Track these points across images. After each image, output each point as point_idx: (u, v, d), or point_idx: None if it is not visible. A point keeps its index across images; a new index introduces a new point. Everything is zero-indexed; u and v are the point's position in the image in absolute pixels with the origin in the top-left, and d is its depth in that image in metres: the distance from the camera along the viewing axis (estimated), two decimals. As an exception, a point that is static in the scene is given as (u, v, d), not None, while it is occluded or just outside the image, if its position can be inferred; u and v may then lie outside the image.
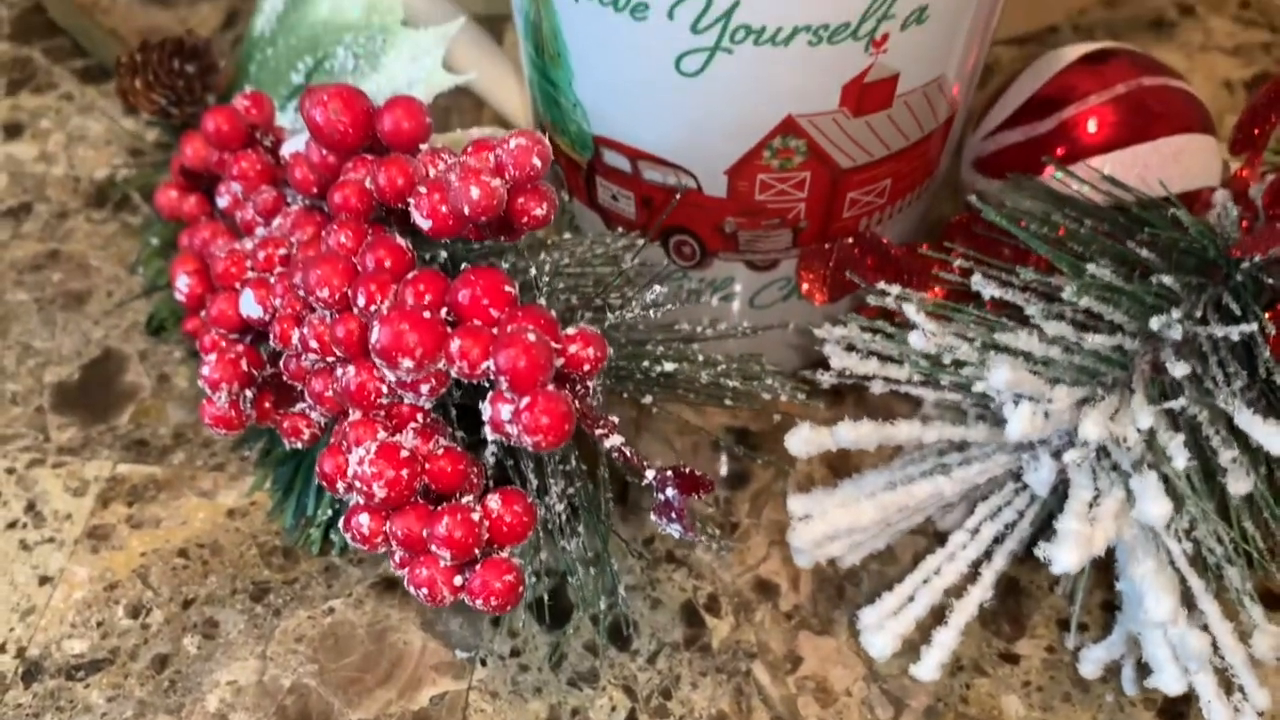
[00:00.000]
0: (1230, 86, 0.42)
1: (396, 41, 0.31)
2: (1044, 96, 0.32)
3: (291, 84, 0.33)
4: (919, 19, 0.24)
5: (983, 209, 0.27)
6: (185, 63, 0.34)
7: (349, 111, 0.26)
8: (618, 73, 0.26)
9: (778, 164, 0.27)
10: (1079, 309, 0.24)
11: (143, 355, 0.35)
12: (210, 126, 0.29)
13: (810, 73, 0.24)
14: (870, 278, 0.29)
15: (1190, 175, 0.31)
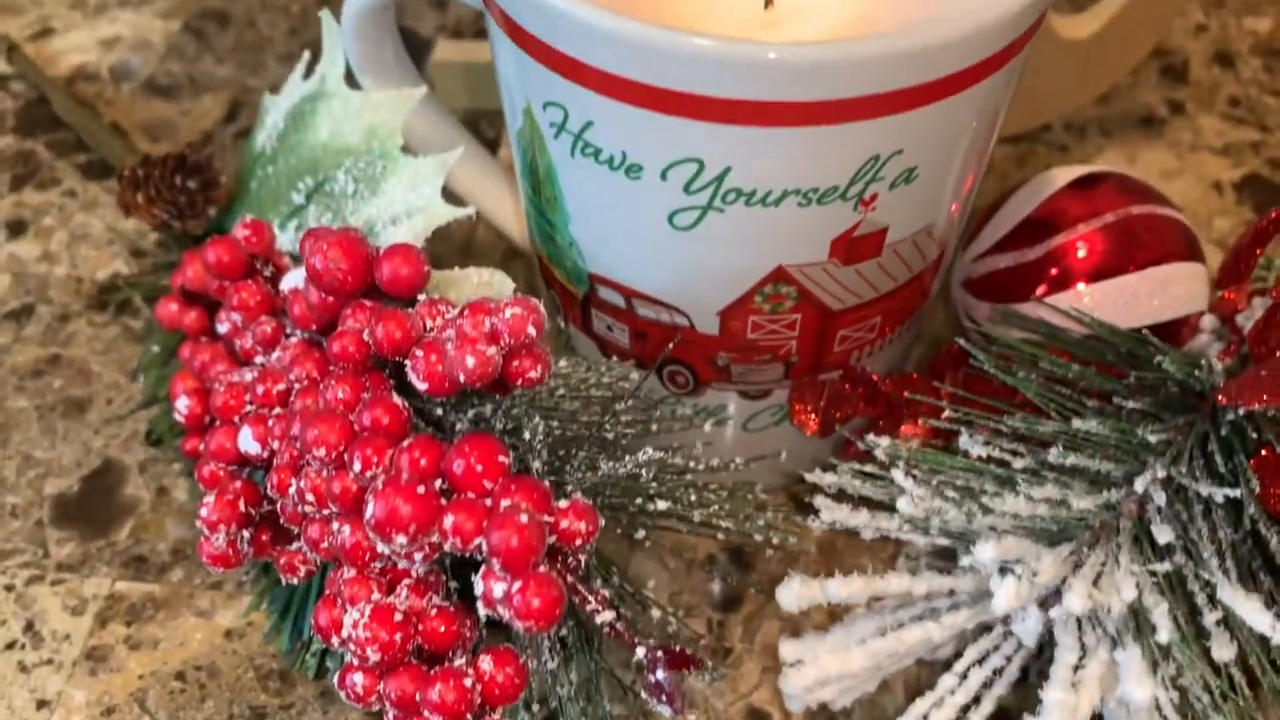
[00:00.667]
0: (1219, 188, 0.43)
1: (396, 168, 0.31)
2: (1034, 221, 0.33)
3: (292, 203, 0.33)
4: (907, 179, 0.24)
5: (972, 351, 0.27)
6: (187, 178, 0.35)
7: (348, 259, 0.26)
8: (613, 221, 0.26)
9: (769, 307, 0.27)
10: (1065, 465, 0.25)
11: (142, 467, 0.35)
12: (211, 257, 0.30)
13: (800, 229, 0.25)
14: (861, 412, 0.29)
15: (1178, 303, 0.31)
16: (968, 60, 0.22)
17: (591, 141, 0.25)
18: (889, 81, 0.22)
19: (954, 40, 0.22)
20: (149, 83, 0.47)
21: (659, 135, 0.23)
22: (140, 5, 0.51)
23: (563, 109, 0.24)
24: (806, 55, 0.21)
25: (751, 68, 0.21)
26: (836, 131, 0.23)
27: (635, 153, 0.24)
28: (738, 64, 0.21)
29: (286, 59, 0.48)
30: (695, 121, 0.23)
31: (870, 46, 0.21)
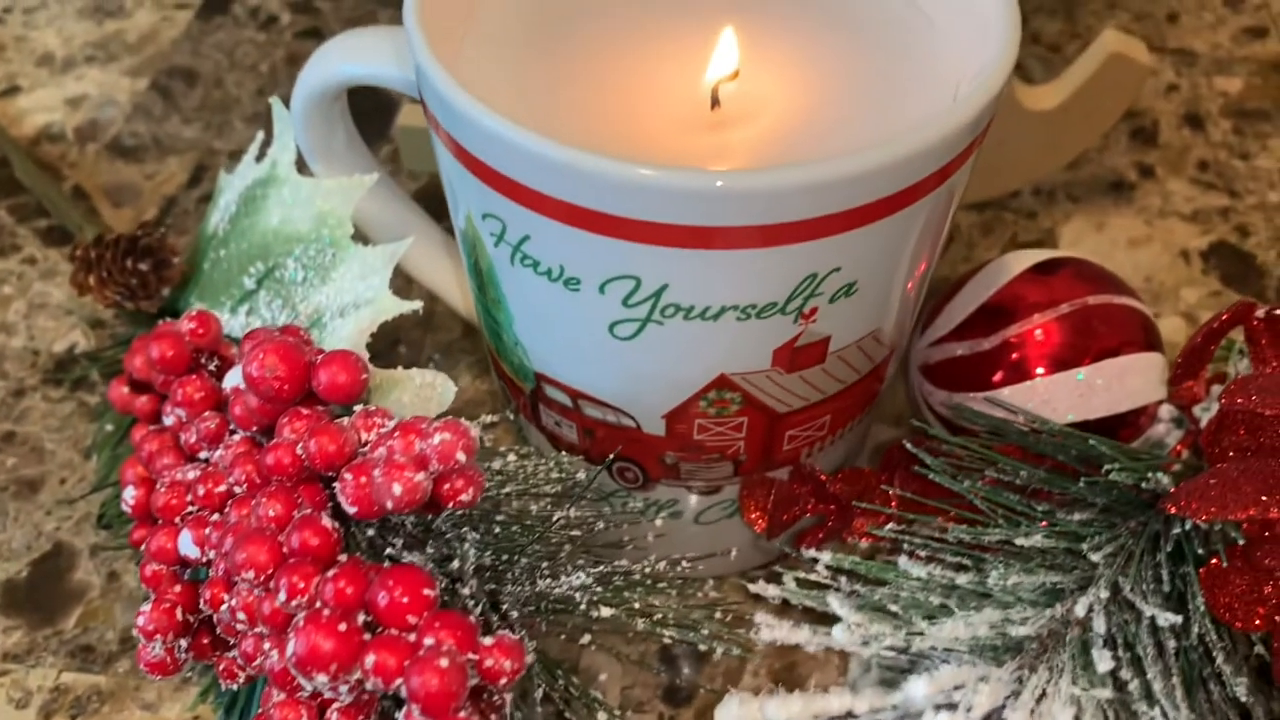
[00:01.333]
0: (1187, 256, 0.42)
1: (346, 257, 0.31)
2: (990, 308, 0.32)
3: (244, 288, 0.33)
4: (847, 293, 0.24)
5: (919, 455, 0.27)
6: (138, 261, 0.34)
7: (285, 365, 0.26)
8: (555, 327, 0.26)
9: (714, 411, 0.27)
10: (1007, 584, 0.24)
11: (93, 550, 0.34)
12: (154, 352, 0.30)
13: (741, 340, 0.25)
14: (811, 510, 0.29)
15: (1134, 394, 0.31)
16: (907, 181, 0.22)
17: (530, 253, 0.24)
18: (825, 206, 0.22)
19: (893, 164, 0.22)
20: (114, 143, 0.47)
21: (595, 253, 0.23)
22: (107, 62, 0.50)
23: (501, 221, 0.24)
24: (747, 183, 0.21)
25: (686, 196, 0.21)
26: (772, 253, 0.22)
27: (573, 268, 0.24)
28: (672, 192, 0.21)
29: (253, 120, 0.48)
30: (630, 243, 0.22)
31: (809, 172, 0.21)
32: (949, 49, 0.27)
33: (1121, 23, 0.52)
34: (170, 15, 0.53)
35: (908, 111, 0.26)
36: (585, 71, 0.27)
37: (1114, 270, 0.42)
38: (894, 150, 0.21)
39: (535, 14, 0.28)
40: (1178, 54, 0.50)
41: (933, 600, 0.24)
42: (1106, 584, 0.24)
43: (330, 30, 0.52)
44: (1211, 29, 0.52)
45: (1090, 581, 0.25)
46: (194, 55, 0.51)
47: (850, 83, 0.27)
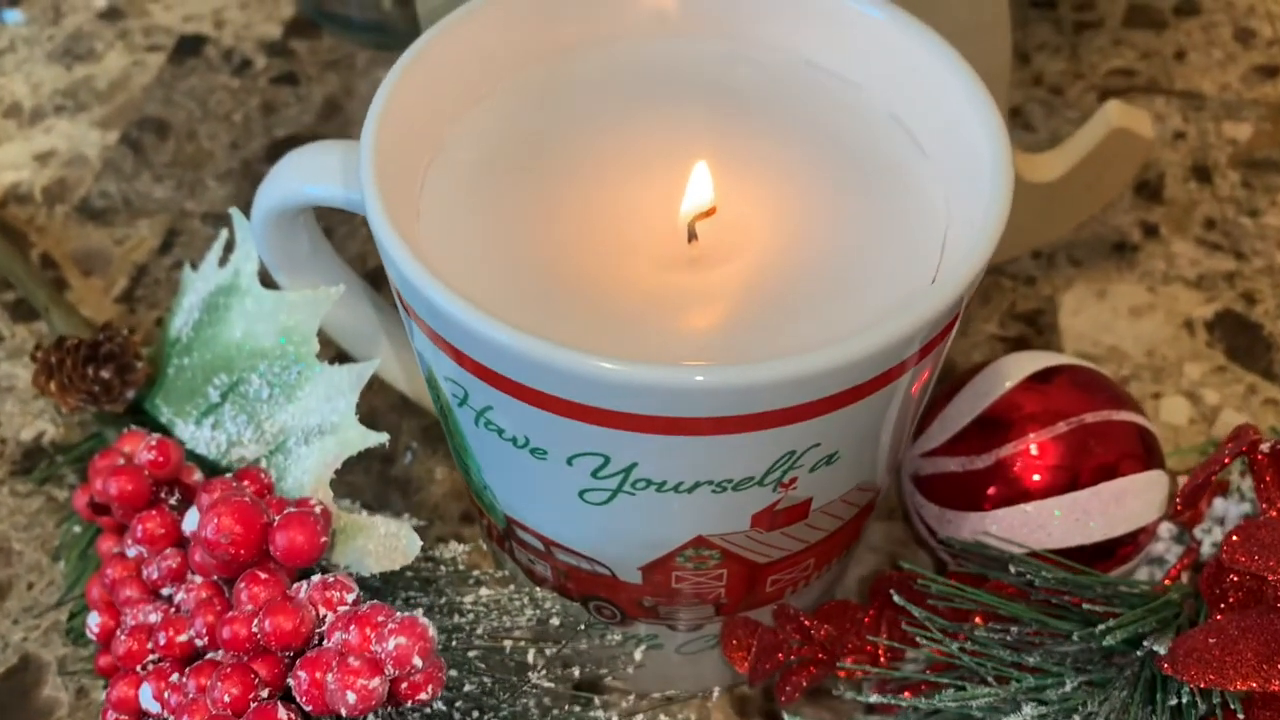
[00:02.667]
0: (1191, 327, 0.41)
1: (312, 375, 0.30)
2: (985, 419, 0.31)
3: (209, 400, 0.32)
4: (829, 462, 0.23)
5: (908, 608, 0.26)
6: (100, 368, 0.33)
7: (241, 526, 0.25)
8: (524, 485, 0.25)
9: (692, 566, 0.26)
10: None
11: (61, 663, 0.34)
12: (113, 489, 0.28)
13: (718, 508, 0.23)
14: (795, 654, 0.28)
15: (1132, 517, 0.30)
16: (886, 366, 0.21)
17: (494, 421, 0.23)
18: (801, 396, 0.20)
19: (870, 355, 0.20)
20: (83, 205, 0.45)
21: (560, 431, 0.22)
22: (77, 112, 0.49)
23: (463, 389, 0.23)
24: (717, 380, 0.20)
25: (651, 390, 0.20)
26: (746, 437, 0.21)
27: (538, 440, 0.23)
28: (636, 387, 0.20)
29: (226, 177, 0.46)
30: (596, 427, 0.21)
31: (782, 368, 0.20)
32: (940, 179, 0.25)
33: (1127, 61, 0.50)
34: (142, 59, 0.51)
35: (896, 247, 0.24)
36: (557, 202, 0.26)
37: (1115, 343, 0.41)
38: (872, 340, 0.20)
39: (505, 144, 0.26)
40: (1185, 97, 0.49)
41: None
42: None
43: (306, 75, 0.50)
44: (1221, 67, 0.50)
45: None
46: (166, 104, 0.49)
47: (835, 214, 0.25)
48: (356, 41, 0.51)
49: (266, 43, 0.51)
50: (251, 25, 0.52)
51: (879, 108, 0.27)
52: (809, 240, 0.25)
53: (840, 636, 0.27)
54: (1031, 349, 0.40)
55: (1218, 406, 0.39)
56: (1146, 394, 0.39)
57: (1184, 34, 0.51)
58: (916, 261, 0.24)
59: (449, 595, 0.29)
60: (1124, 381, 0.39)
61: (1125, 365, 0.40)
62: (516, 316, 0.22)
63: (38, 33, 0.52)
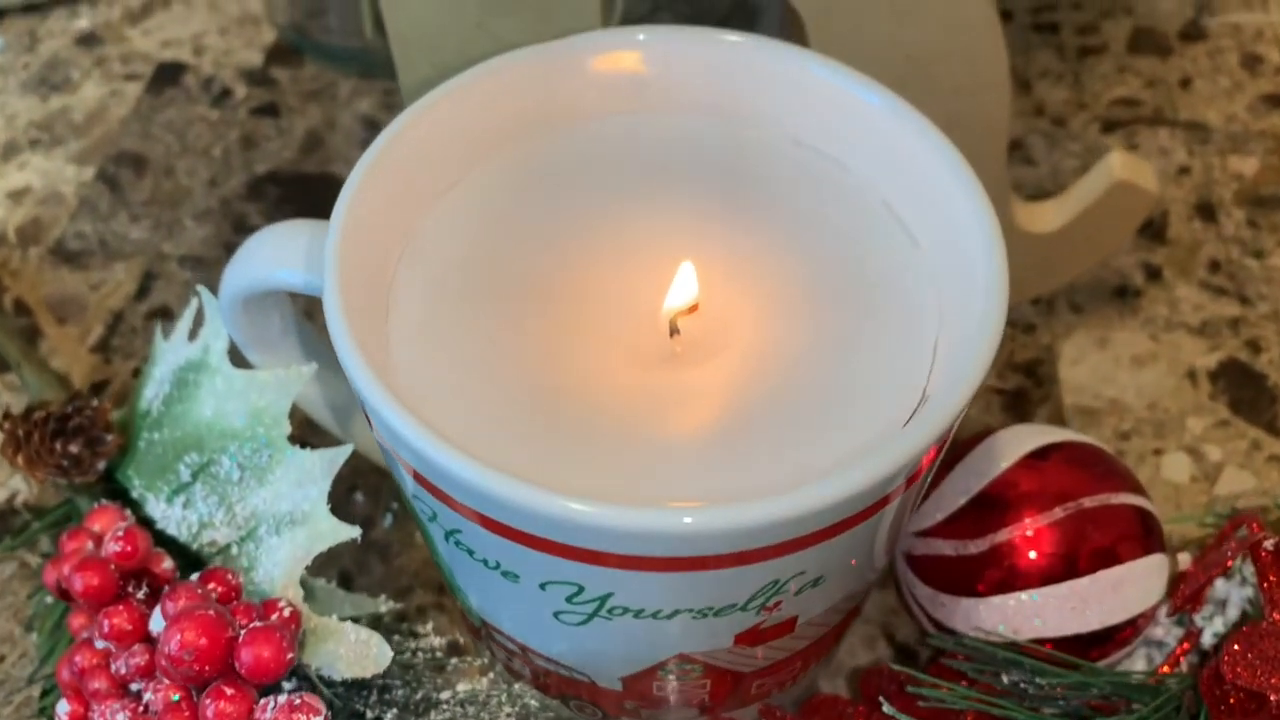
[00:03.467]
0: (1194, 377, 0.40)
1: (284, 459, 0.29)
2: (981, 499, 0.30)
3: (180, 478, 0.31)
4: (814, 584, 0.22)
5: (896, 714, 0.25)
6: (69, 442, 0.32)
7: (205, 638, 0.24)
8: (496, 600, 0.24)
9: (675, 677, 0.25)
10: None
11: (34, 743, 0.33)
12: (78, 585, 0.28)
13: (699, 630, 0.22)
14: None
15: (1131, 604, 0.29)
16: (872, 500, 0.20)
17: (463, 542, 0.22)
18: (781, 535, 0.19)
19: (856, 494, 0.19)
20: (58, 247, 0.44)
21: (531, 561, 0.21)
22: (52, 146, 0.48)
23: (432, 510, 0.22)
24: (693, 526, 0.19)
25: (624, 534, 0.19)
26: (726, 572, 0.20)
27: (509, 566, 0.22)
28: (606, 530, 0.19)
29: (205, 217, 0.45)
30: (570, 561, 0.20)
31: (761, 512, 0.19)
32: (932, 276, 0.24)
33: (1131, 90, 0.49)
34: (119, 88, 0.50)
35: (885, 350, 0.23)
36: (533, 295, 0.25)
37: (1116, 395, 0.40)
38: (858, 478, 0.19)
39: (479, 234, 0.25)
40: (1190, 129, 0.47)
41: None
42: None
43: (288, 106, 0.49)
44: (1227, 96, 0.49)
45: None
46: (143, 137, 0.48)
47: (822, 311, 0.24)
48: (339, 70, 0.50)
49: (247, 70, 0.50)
50: (232, 52, 0.51)
51: (870, 194, 0.25)
52: (794, 339, 0.24)
53: (829, 737, 0.26)
54: (1030, 403, 0.40)
55: (1220, 463, 0.38)
56: (1147, 450, 0.38)
57: (1190, 60, 0.50)
58: (906, 369, 0.23)
59: (426, 688, 0.28)
60: (1125, 437, 0.38)
61: (1126, 419, 0.39)
62: (486, 429, 0.21)
63: (13, 60, 0.51)
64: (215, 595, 0.26)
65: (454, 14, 0.30)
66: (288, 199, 0.46)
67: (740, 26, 0.48)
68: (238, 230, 0.44)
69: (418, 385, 0.21)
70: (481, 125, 0.26)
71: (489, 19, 0.31)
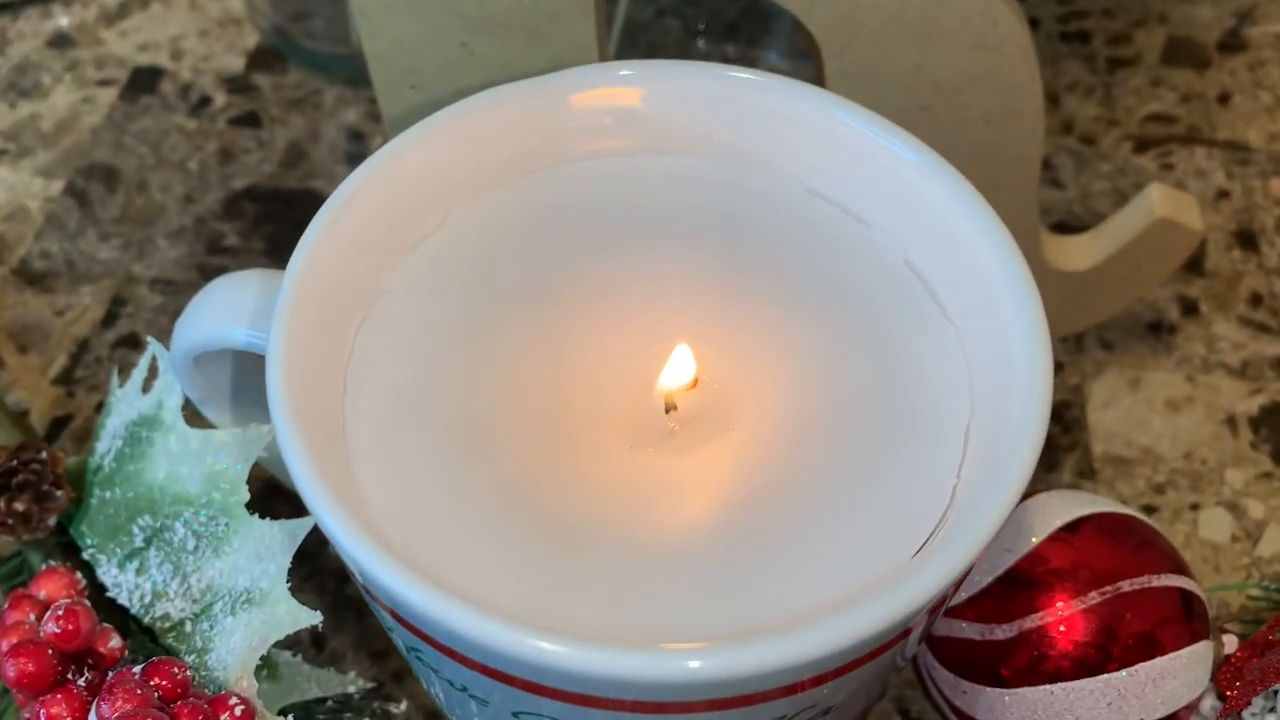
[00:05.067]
0: (1234, 424, 0.37)
1: (241, 529, 0.26)
2: (1008, 577, 0.27)
3: (134, 542, 0.28)
4: (825, 714, 0.19)
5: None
6: (14, 498, 0.30)
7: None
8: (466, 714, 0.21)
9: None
10: None
11: (-22, 818, 0.31)
12: (11, 672, 0.25)
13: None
14: None
15: (1173, 699, 0.26)
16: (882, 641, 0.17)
17: (427, 662, 0.19)
18: (784, 680, 0.17)
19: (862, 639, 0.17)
20: (22, 267, 0.42)
21: (505, 694, 0.18)
22: (19, 157, 0.45)
23: (389, 624, 0.19)
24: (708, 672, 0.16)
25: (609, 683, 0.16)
26: (725, 715, 0.18)
27: (477, 692, 0.19)
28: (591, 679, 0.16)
29: (178, 237, 0.42)
30: (544, 699, 0.18)
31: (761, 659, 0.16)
32: (963, 351, 0.21)
33: (1166, 105, 0.46)
34: (92, 95, 0.47)
35: (905, 440, 0.21)
36: (512, 369, 0.22)
37: (1149, 444, 0.37)
38: (875, 617, 0.17)
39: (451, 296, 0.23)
40: (1229, 149, 0.44)
41: None
42: None
43: (269, 116, 0.46)
44: (1269, 113, 0.45)
45: None
46: (115, 148, 0.45)
47: (834, 391, 0.22)
48: (324, 78, 0.47)
49: (227, 77, 0.47)
50: (212, 56, 0.48)
51: (892, 255, 0.23)
52: (804, 420, 0.21)
53: None
54: (1058, 450, 0.37)
55: (1263, 521, 0.35)
56: (1184, 505, 0.35)
57: (1228, 74, 0.47)
58: (933, 461, 0.20)
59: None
60: (1159, 490, 0.36)
61: (1160, 471, 0.36)
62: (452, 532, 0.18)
63: (-19, 63, 0.48)
64: (159, 692, 0.23)
65: (436, 35, 0.28)
66: (266, 216, 0.43)
67: (750, 32, 0.45)
68: (211, 251, 0.42)
69: (375, 484, 0.19)
70: (459, 170, 0.24)
71: (474, 39, 0.28)
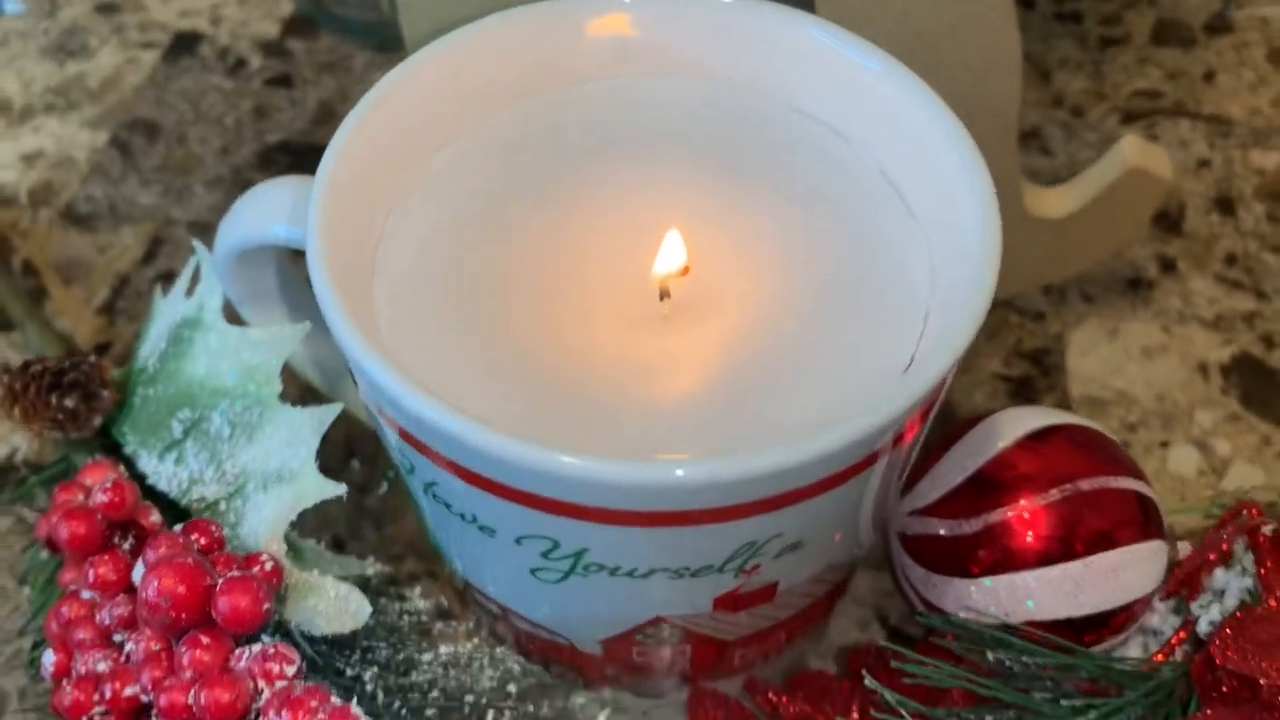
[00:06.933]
0: (1205, 371, 0.39)
1: (274, 417, 0.29)
2: (977, 479, 0.30)
3: (173, 434, 0.31)
4: (793, 549, 0.22)
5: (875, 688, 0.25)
6: (64, 396, 0.32)
7: (183, 586, 0.24)
8: (476, 558, 0.24)
9: (654, 643, 0.24)
10: None
11: (22, 694, 0.33)
12: (64, 533, 0.28)
13: (676, 592, 0.22)
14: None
15: (1127, 590, 0.28)
16: (851, 461, 0.20)
17: (440, 496, 0.22)
18: (759, 492, 0.19)
19: (833, 452, 0.19)
20: (68, 210, 0.44)
21: (507, 515, 0.21)
22: (67, 111, 0.48)
23: (409, 461, 0.22)
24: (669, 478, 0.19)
25: (601, 486, 0.19)
26: (702, 530, 0.20)
27: (485, 519, 0.21)
28: (585, 481, 0.19)
29: (215, 185, 0.45)
30: (547, 515, 0.20)
31: (738, 465, 0.19)
32: (926, 245, 0.24)
33: (1153, 81, 0.48)
34: (135, 56, 0.50)
35: (875, 316, 0.23)
36: (523, 257, 0.25)
37: (1124, 387, 0.39)
38: (836, 437, 0.19)
39: (470, 195, 0.25)
40: (1211, 122, 0.47)
41: None
42: None
43: (302, 78, 0.49)
44: (1251, 90, 0.48)
45: None
46: (157, 105, 0.48)
47: (814, 277, 0.24)
48: (355, 43, 0.50)
49: (263, 42, 0.50)
50: (249, 23, 0.51)
51: (868, 163, 0.25)
52: (785, 305, 0.24)
53: (812, 710, 0.26)
54: (1036, 391, 0.39)
55: (1229, 458, 0.37)
56: (1154, 442, 0.38)
57: (1214, 54, 0.49)
58: (896, 336, 0.22)
59: (408, 650, 0.28)
60: (1131, 429, 0.38)
61: (1133, 411, 0.38)
62: (468, 384, 0.20)
63: (33, 26, 0.51)
64: (198, 546, 0.26)
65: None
66: (297, 168, 0.45)
67: None
68: (246, 198, 0.45)
69: (401, 342, 0.21)
70: (471, 87, 0.26)
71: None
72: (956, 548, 0.29)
